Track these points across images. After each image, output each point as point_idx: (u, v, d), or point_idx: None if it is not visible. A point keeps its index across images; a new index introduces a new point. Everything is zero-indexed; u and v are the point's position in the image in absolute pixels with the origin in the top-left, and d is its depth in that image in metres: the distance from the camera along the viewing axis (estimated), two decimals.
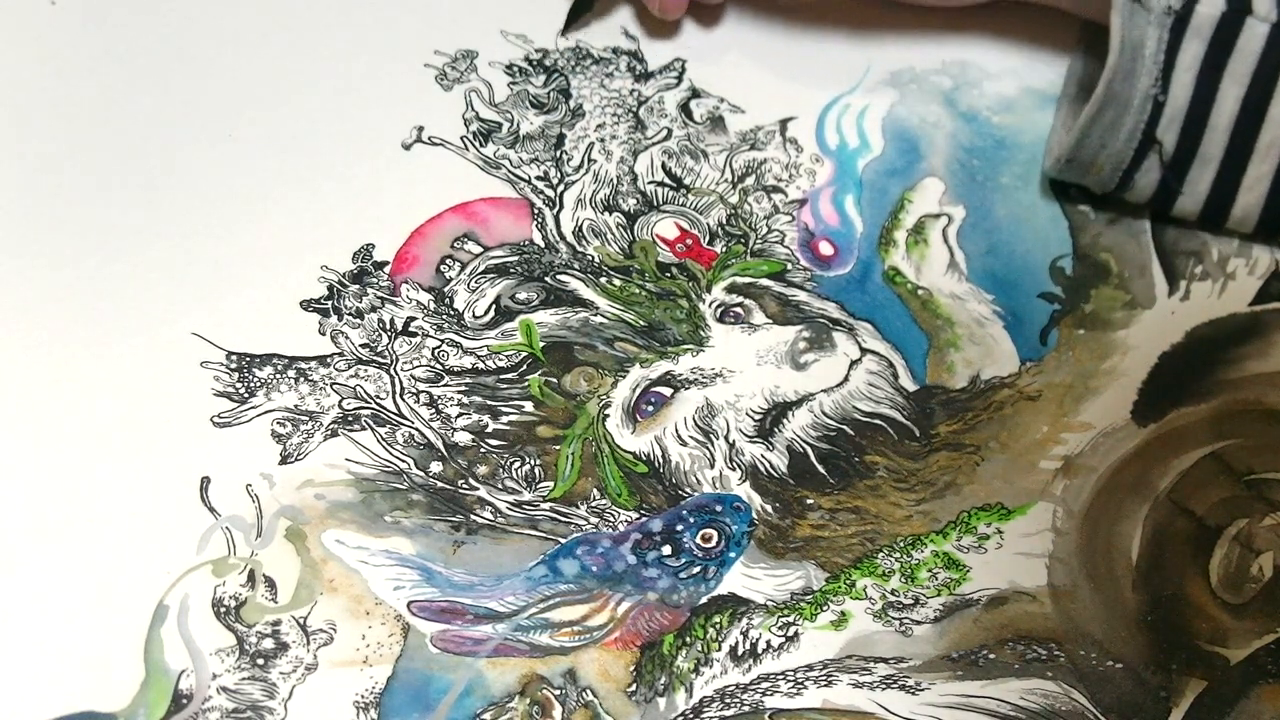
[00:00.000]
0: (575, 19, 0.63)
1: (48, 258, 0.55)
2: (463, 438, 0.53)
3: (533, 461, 0.53)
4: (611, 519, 0.52)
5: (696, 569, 0.51)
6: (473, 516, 0.52)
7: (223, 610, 0.49)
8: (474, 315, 0.56)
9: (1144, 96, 0.56)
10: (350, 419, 0.53)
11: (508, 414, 0.54)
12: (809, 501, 0.53)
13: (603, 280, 0.57)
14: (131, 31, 0.62)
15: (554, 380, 0.55)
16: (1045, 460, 0.55)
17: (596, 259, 0.58)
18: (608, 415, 0.54)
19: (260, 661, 0.48)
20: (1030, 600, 0.52)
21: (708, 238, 0.59)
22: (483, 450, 0.53)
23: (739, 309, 0.57)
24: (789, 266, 0.59)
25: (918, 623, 0.51)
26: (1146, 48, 0.56)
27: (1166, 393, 0.56)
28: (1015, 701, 0.50)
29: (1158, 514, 0.54)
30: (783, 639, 0.50)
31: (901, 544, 0.53)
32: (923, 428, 0.55)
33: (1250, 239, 0.60)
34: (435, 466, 0.52)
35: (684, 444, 0.54)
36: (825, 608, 0.51)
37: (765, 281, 0.58)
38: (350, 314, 0.55)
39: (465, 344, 0.55)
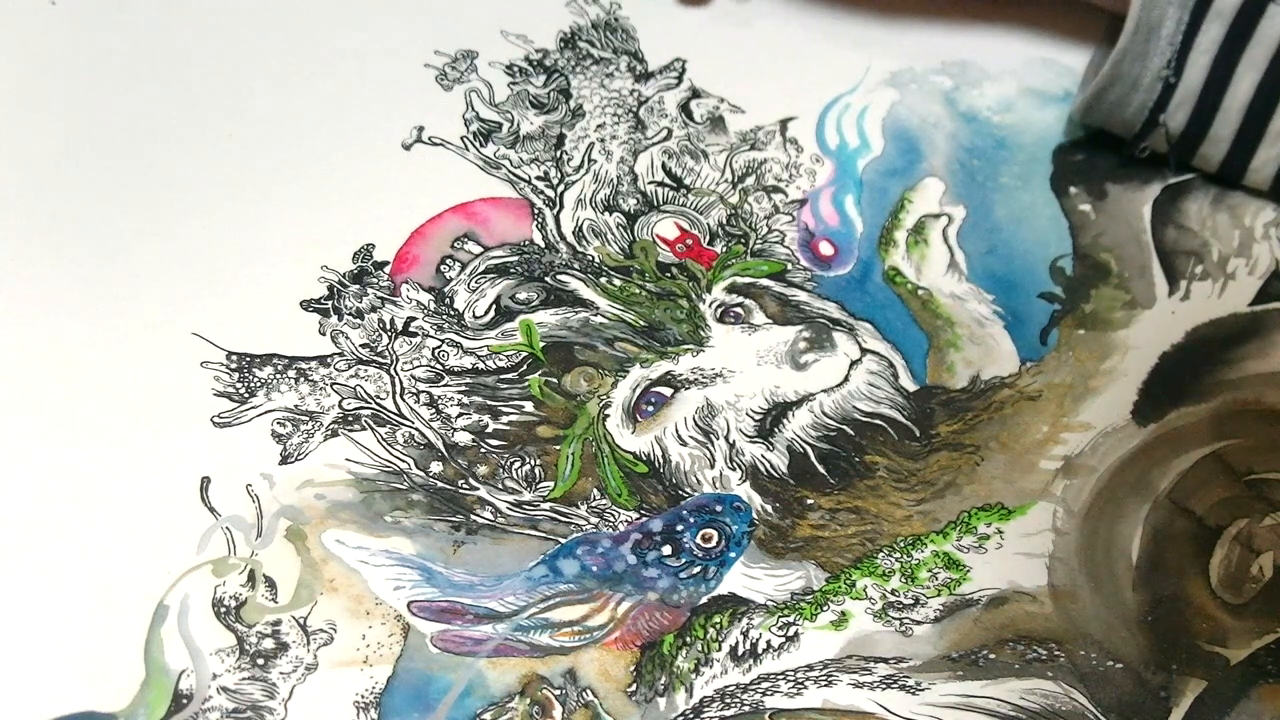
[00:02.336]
0: None
1: (48, 258, 0.55)
2: (463, 438, 0.53)
3: (533, 461, 0.53)
4: (611, 519, 0.52)
5: (697, 569, 0.51)
6: (473, 516, 0.52)
7: (223, 610, 0.49)
8: (474, 315, 0.56)
9: (1154, 77, 0.57)
10: (350, 419, 0.53)
11: (508, 414, 0.54)
12: (809, 501, 0.53)
13: (603, 280, 0.57)
14: (131, 31, 0.62)
15: (554, 380, 0.55)
16: (1045, 460, 0.55)
17: (596, 259, 0.58)
18: (608, 415, 0.54)
19: (260, 661, 0.48)
20: (1030, 600, 0.52)
21: (708, 238, 0.59)
22: (483, 450, 0.53)
23: (739, 309, 0.57)
24: (789, 266, 0.59)
25: (918, 623, 0.51)
26: (1164, 29, 0.57)
27: (1166, 393, 0.56)
28: (1015, 701, 0.50)
29: (1158, 514, 0.54)
30: (783, 639, 0.50)
31: (902, 544, 0.52)
32: (923, 428, 0.55)
33: (1265, 197, 0.62)
34: (435, 466, 0.52)
35: (684, 444, 0.54)
36: (825, 608, 0.51)
37: (765, 281, 0.58)
38: (350, 314, 0.55)
39: (465, 344, 0.55)
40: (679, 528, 0.52)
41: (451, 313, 0.56)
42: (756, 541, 0.52)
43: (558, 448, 0.53)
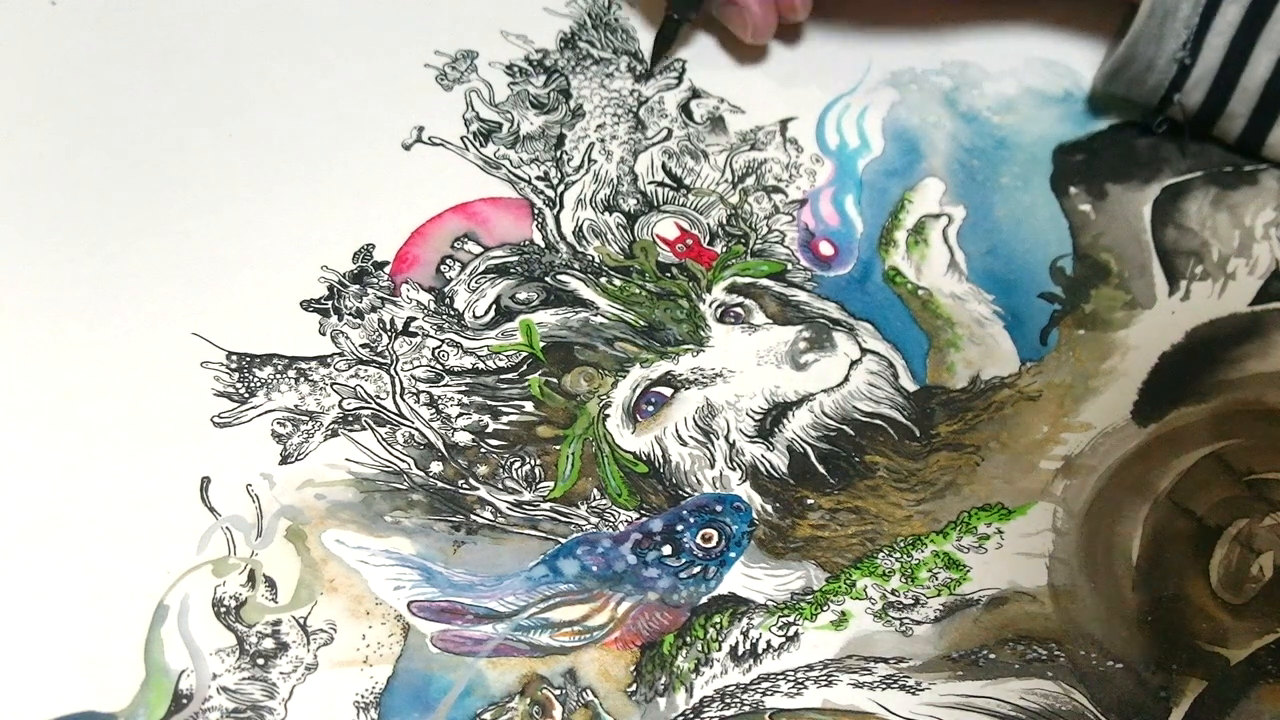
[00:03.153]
0: (660, 55, 0.63)
1: (48, 258, 0.55)
2: (463, 438, 0.53)
3: (533, 461, 0.53)
4: (611, 519, 0.52)
5: (697, 569, 0.51)
6: (473, 516, 0.52)
7: (223, 610, 0.49)
8: (474, 315, 0.56)
9: (1169, 60, 0.58)
10: (350, 419, 0.53)
11: (508, 414, 0.54)
12: (809, 501, 0.53)
13: (603, 280, 0.57)
14: (131, 31, 0.62)
15: (554, 380, 0.55)
16: (1045, 460, 0.55)
17: (596, 259, 0.58)
18: (608, 415, 0.54)
19: (260, 661, 0.48)
20: (1030, 600, 0.52)
21: (708, 238, 0.59)
22: (483, 450, 0.53)
23: (739, 309, 0.57)
24: (789, 266, 0.59)
25: (918, 623, 0.51)
26: (1181, 11, 0.57)
27: (1167, 393, 0.56)
28: (1015, 701, 0.50)
29: (1158, 514, 0.54)
30: (783, 639, 0.50)
31: (902, 544, 0.53)
32: (923, 428, 0.55)
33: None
34: (435, 466, 0.52)
35: (684, 444, 0.54)
36: (825, 608, 0.51)
37: (765, 281, 0.58)
38: (350, 314, 0.55)
39: (465, 344, 0.55)
40: (679, 528, 0.52)
41: (451, 313, 0.56)
42: (756, 541, 0.52)
43: (558, 448, 0.53)
